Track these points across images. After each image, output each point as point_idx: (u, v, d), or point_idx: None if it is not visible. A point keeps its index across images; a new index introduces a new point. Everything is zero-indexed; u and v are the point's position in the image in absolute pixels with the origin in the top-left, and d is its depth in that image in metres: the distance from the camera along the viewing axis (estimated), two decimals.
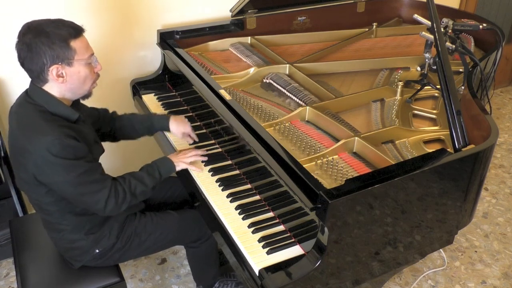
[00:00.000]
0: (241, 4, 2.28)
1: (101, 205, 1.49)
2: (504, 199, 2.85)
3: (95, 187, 1.47)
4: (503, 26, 3.80)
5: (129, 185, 1.56)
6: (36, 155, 1.38)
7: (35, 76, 1.43)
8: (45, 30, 1.38)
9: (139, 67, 2.47)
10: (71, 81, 1.45)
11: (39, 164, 1.40)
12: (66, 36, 1.39)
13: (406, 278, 2.31)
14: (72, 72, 1.43)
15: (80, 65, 1.44)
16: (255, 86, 2.06)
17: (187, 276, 2.30)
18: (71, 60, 1.41)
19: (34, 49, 1.37)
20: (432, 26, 1.57)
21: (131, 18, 2.36)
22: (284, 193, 1.46)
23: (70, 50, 1.40)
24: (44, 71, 1.40)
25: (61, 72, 1.42)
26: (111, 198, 1.50)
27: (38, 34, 1.37)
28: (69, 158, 1.39)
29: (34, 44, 1.37)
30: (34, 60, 1.38)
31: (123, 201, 1.53)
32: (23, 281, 1.65)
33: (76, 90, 1.49)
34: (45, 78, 1.43)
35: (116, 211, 1.54)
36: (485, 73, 2.00)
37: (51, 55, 1.38)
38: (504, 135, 3.52)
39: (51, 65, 1.39)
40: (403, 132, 1.70)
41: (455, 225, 1.58)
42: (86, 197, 1.47)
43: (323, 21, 2.56)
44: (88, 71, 1.47)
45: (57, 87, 1.45)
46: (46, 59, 1.38)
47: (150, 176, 1.62)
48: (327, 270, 1.32)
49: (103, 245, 1.65)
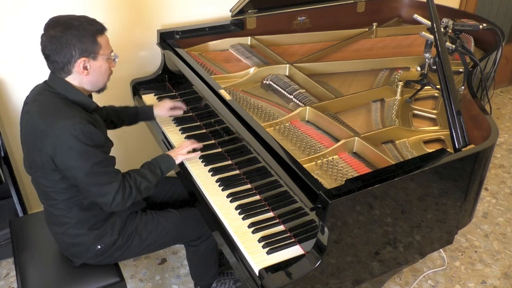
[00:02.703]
0: (241, 4, 2.28)
1: (109, 198, 1.50)
2: (504, 199, 2.85)
3: (107, 179, 1.49)
4: (503, 26, 3.80)
5: (134, 181, 1.58)
6: (56, 138, 1.41)
7: (59, 67, 1.48)
8: (75, 24, 1.45)
9: (139, 67, 2.47)
10: (93, 74, 1.52)
11: (58, 147, 1.42)
12: (94, 31, 1.48)
13: (406, 278, 2.31)
14: (96, 66, 1.51)
15: (103, 60, 1.52)
16: (255, 86, 2.06)
17: (187, 276, 2.30)
18: (96, 54, 1.49)
19: (64, 42, 1.43)
20: (432, 26, 1.57)
21: (131, 18, 2.36)
22: (284, 193, 1.46)
23: (97, 45, 1.48)
24: (71, 63, 1.46)
25: (87, 65, 1.49)
26: (119, 193, 1.51)
27: (68, 27, 1.43)
28: (87, 143, 1.43)
29: (64, 36, 1.42)
30: (63, 52, 1.44)
31: (129, 196, 1.55)
32: (23, 281, 1.65)
33: (95, 83, 1.55)
34: (69, 70, 1.48)
35: (121, 206, 1.55)
36: (485, 73, 2.00)
37: (80, 48, 1.45)
38: (504, 135, 3.52)
39: (79, 57, 1.46)
40: (403, 132, 1.70)
41: (455, 225, 1.58)
42: (96, 188, 1.48)
43: (323, 21, 2.56)
44: (107, 66, 1.55)
45: (78, 79, 1.51)
46: (75, 51, 1.44)
47: (153, 173, 1.64)
48: (327, 270, 1.32)
49: (105, 242, 1.65)
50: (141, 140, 2.64)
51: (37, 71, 2.24)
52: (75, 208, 1.58)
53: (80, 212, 1.59)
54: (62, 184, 1.52)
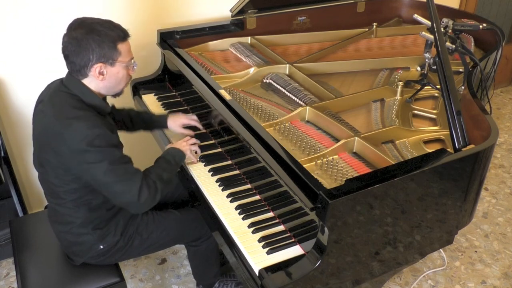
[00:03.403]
0: (241, 4, 2.28)
1: (135, 194, 1.47)
2: (504, 199, 2.85)
3: (127, 174, 1.48)
4: (503, 26, 3.80)
5: (155, 174, 1.58)
6: (71, 141, 1.41)
7: (77, 69, 1.48)
8: (97, 28, 1.44)
9: (139, 67, 2.45)
10: (109, 80, 1.51)
11: (74, 149, 1.42)
12: (116, 38, 1.47)
13: (406, 278, 2.31)
14: (112, 72, 1.50)
15: (121, 66, 1.51)
16: (255, 86, 2.06)
17: (187, 276, 2.30)
18: (114, 60, 1.48)
19: (84, 45, 1.42)
20: (432, 26, 1.57)
21: (131, 18, 2.36)
22: (284, 193, 1.46)
23: (116, 52, 1.47)
24: (88, 66, 1.46)
25: (103, 71, 1.48)
26: (144, 188, 1.49)
27: (90, 31, 1.43)
28: (102, 145, 1.43)
29: (85, 40, 1.42)
30: (81, 54, 1.44)
31: (156, 190, 1.54)
32: (23, 281, 1.65)
33: (111, 88, 1.55)
34: (85, 73, 1.48)
35: (152, 202, 1.53)
36: (485, 73, 2.00)
37: (98, 53, 1.44)
38: (504, 135, 3.52)
39: (96, 62, 1.45)
40: (403, 132, 1.70)
41: (455, 225, 1.58)
42: (118, 185, 1.46)
43: (323, 21, 2.56)
44: (125, 73, 1.54)
45: (94, 83, 1.51)
46: (93, 56, 1.44)
47: (170, 164, 1.66)
48: (327, 270, 1.32)
49: (107, 242, 1.65)
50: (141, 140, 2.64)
51: (37, 71, 2.24)
52: (82, 208, 1.58)
53: (87, 212, 1.59)
54: (73, 185, 1.52)
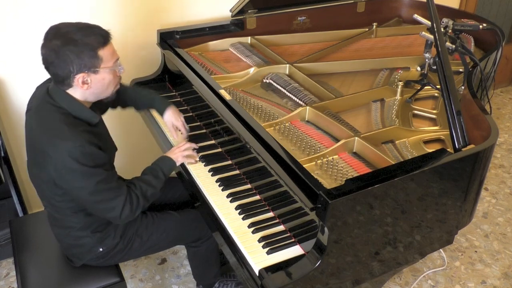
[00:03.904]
0: (241, 4, 2.28)
1: (117, 212, 1.50)
2: (504, 199, 2.85)
3: (112, 194, 1.48)
4: (503, 26, 3.80)
5: (140, 190, 1.57)
6: (56, 160, 1.39)
7: (60, 80, 1.43)
8: (74, 38, 1.37)
9: (139, 67, 2.47)
10: (95, 87, 1.46)
11: (59, 169, 1.40)
12: (95, 45, 1.40)
13: (406, 278, 2.31)
14: (97, 79, 1.45)
15: (105, 72, 1.45)
16: (255, 86, 2.06)
17: (187, 276, 2.30)
18: (97, 68, 1.42)
19: (62, 57, 1.37)
20: (432, 26, 1.57)
21: (131, 18, 2.36)
22: (284, 193, 1.46)
23: (97, 59, 1.41)
24: (70, 77, 1.41)
25: (87, 80, 1.43)
26: (127, 205, 1.51)
27: (66, 42, 1.36)
28: (88, 165, 1.40)
29: (62, 52, 1.36)
30: (60, 66, 1.38)
31: (137, 206, 1.55)
32: (23, 281, 1.65)
33: (99, 94, 1.51)
34: (69, 84, 1.43)
35: (131, 217, 1.54)
36: (485, 73, 2.00)
37: (79, 64, 1.38)
38: (504, 135, 3.52)
39: (77, 73, 1.40)
40: (403, 132, 1.70)
41: (455, 225, 1.57)
42: (103, 204, 1.48)
43: (323, 21, 2.56)
44: (112, 77, 1.48)
45: (80, 92, 1.47)
46: (73, 67, 1.38)
47: (156, 178, 1.63)
48: (327, 270, 1.32)
49: (107, 244, 1.65)
50: (142, 140, 2.64)
51: (37, 71, 2.24)
52: (80, 213, 1.58)
53: (85, 217, 1.59)
54: (66, 196, 1.52)
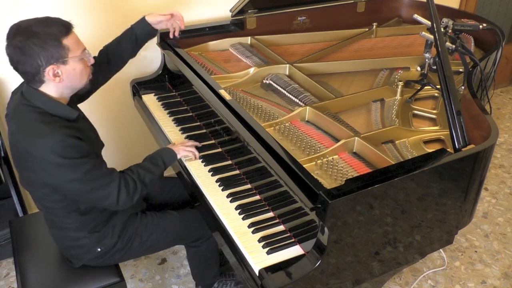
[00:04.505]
0: (241, 4, 2.28)
1: (113, 198, 1.49)
2: (504, 199, 2.85)
3: (104, 180, 1.47)
4: (503, 26, 3.80)
5: (137, 175, 1.57)
6: (41, 159, 1.38)
7: (30, 78, 1.40)
8: (35, 30, 1.34)
9: (139, 67, 2.47)
10: (68, 79, 1.43)
11: (45, 168, 1.39)
12: (58, 34, 1.37)
13: (406, 278, 2.31)
14: (68, 70, 1.41)
15: (75, 62, 1.42)
16: (255, 86, 2.06)
17: (187, 276, 2.30)
18: (65, 58, 1.39)
19: (27, 52, 1.33)
20: (432, 26, 1.57)
21: (131, 18, 2.36)
22: (284, 193, 1.46)
23: (63, 49, 1.38)
24: (40, 72, 1.38)
25: (57, 72, 1.39)
26: (122, 190, 1.50)
27: (29, 36, 1.33)
28: (73, 157, 1.39)
29: (26, 46, 1.33)
30: (28, 62, 1.35)
31: (135, 191, 1.54)
32: (23, 281, 1.65)
33: (73, 86, 1.47)
34: (41, 79, 1.40)
35: (129, 202, 1.53)
36: (485, 73, 2.00)
37: (46, 56, 1.35)
38: (504, 135, 3.52)
39: (46, 66, 1.37)
40: (403, 132, 1.70)
41: (455, 225, 1.58)
42: (97, 192, 1.46)
43: (323, 21, 2.56)
44: (82, 66, 1.45)
45: (54, 87, 1.43)
46: (41, 61, 1.35)
47: (155, 166, 1.64)
48: (327, 270, 1.32)
49: (105, 244, 1.65)
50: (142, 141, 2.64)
51: None
52: (73, 213, 1.57)
53: (79, 216, 1.58)
54: (56, 196, 1.50)
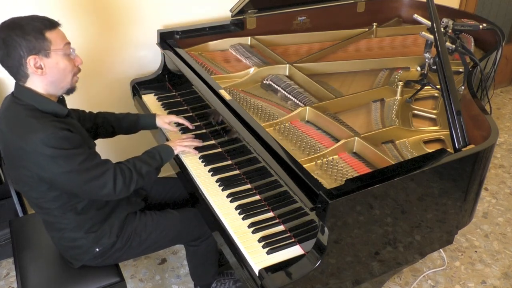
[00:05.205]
0: (241, 4, 2.28)
1: (110, 186, 1.50)
2: (504, 199, 2.85)
3: (99, 170, 1.48)
4: (503, 26, 3.80)
5: (133, 165, 1.58)
6: (34, 154, 1.38)
7: (15, 72, 1.42)
8: (20, 23, 1.38)
9: (139, 67, 2.47)
10: (51, 74, 1.43)
11: (40, 162, 1.40)
12: (41, 27, 1.39)
13: (406, 278, 2.31)
14: (51, 64, 1.42)
15: (58, 55, 1.43)
16: (255, 86, 2.06)
17: (187, 276, 2.30)
18: (47, 50, 1.40)
19: (10, 43, 1.36)
20: (432, 26, 1.57)
21: (131, 18, 2.36)
22: (284, 193, 1.46)
23: (45, 41, 1.39)
24: (23, 64, 1.39)
25: (40, 64, 1.40)
26: (118, 178, 1.51)
27: (12, 28, 1.37)
28: (66, 148, 1.40)
29: (8, 37, 1.36)
30: (11, 54, 1.37)
31: (131, 180, 1.55)
32: (23, 281, 1.65)
33: (57, 83, 1.47)
34: (25, 73, 1.42)
35: (126, 191, 1.55)
36: (485, 73, 2.00)
37: (27, 46, 1.37)
38: (504, 135, 3.52)
39: (28, 56, 1.38)
40: (403, 132, 1.70)
41: (455, 225, 1.58)
42: (93, 182, 1.47)
43: (323, 21, 2.56)
44: (67, 63, 1.46)
45: (39, 82, 1.44)
46: (23, 51, 1.37)
47: (152, 159, 1.65)
48: (327, 270, 1.32)
49: (103, 244, 1.65)
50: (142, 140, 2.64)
51: None
52: (69, 213, 1.57)
53: (76, 216, 1.58)
54: (52, 193, 1.50)
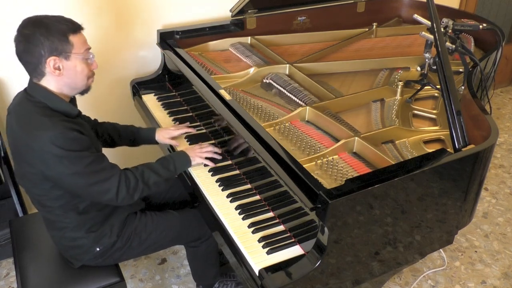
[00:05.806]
0: (241, 4, 2.28)
1: (113, 193, 1.49)
2: (504, 199, 2.85)
3: (104, 175, 1.47)
4: (503, 26, 3.80)
5: (141, 174, 1.57)
6: (41, 152, 1.39)
7: (32, 68, 1.43)
8: (45, 22, 1.40)
9: (139, 67, 2.47)
10: (68, 75, 1.45)
11: (46, 160, 1.40)
12: (65, 30, 1.41)
13: (406, 278, 2.31)
14: (69, 66, 1.44)
15: (77, 59, 1.44)
16: (255, 86, 2.06)
17: (187, 276, 2.30)
18: (68, 53, 1.42)
19: (33, 40, 1.38)
20: (432, 26, 1.57)
21: (131, 18, 2.36)
22: (284, 193, 1.46)
23: (68, 44, 1.41)
24: (42, 63, 1.41)
25: (58, 65, 1.42)
26: (122, 186, 1.50)
27: (37, 26, 1.39)
28: (74, 150, 1.40)
29: (32, 35, 1.38)
30: (31, 51, 1.39)
31: (135, 189, 1.54)
32: (23, 281, 1.65)
33: (72, 85, 1.49)
34: (42, 71, 1.43)
35: (128, 199, 1.54)
36: (485, 73, 2.00)
37: (49, 47, 1.39)
38: (504, 135, 3.52)
39: (48, 56, 1.40)
40: (403, 132, 1.70)
41: (455, 225, 1.58)
42: (97, 186, 1.47)
43: (323, 21, 2.56)
44: (84, 66, 1.47)
45: (54, 82, 1.45)
46: (44, 51, 1.39)
47: (165, 169, 1.63)
48: (327, 270, 1.32)
49: (103, 244, 1.65)
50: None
51: None
52: (71, 212, 1.57)
53: (77, 216, 1.58)
54: (55, 192, 1.50)
